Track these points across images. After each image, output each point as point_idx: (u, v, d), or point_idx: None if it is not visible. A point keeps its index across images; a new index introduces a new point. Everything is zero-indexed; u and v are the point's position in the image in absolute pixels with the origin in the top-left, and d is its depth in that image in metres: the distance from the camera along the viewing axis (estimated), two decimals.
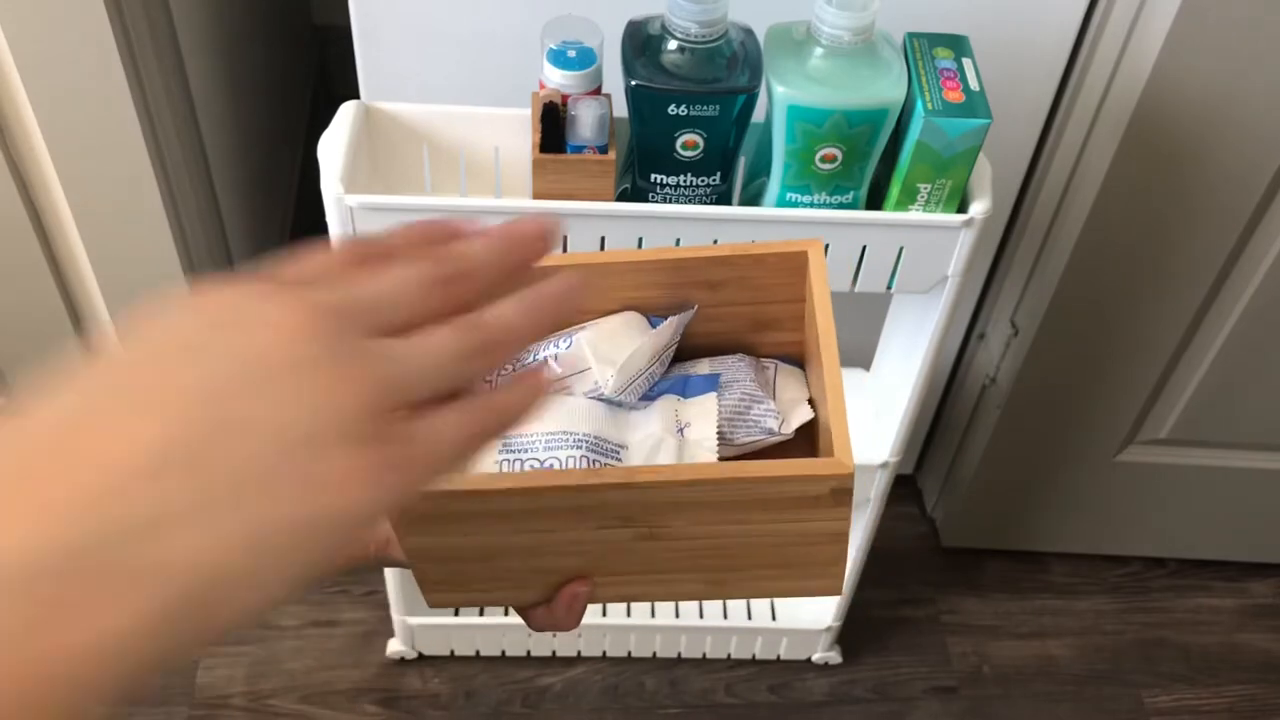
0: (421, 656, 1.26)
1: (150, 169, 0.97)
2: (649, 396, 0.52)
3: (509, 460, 0.48)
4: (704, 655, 1.28)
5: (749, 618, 1.27)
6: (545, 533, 0.46)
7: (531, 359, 0.53)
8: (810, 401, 0.52)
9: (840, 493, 0.44)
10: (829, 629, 1.23)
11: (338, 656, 1.26)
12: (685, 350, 0.54)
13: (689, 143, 0.74)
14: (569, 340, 0.52)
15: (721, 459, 0.49)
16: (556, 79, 0.74)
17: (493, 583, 0.49)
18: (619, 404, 0.51)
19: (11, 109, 0.93)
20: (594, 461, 0.48)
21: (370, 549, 0.50)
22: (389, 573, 1.13)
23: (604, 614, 1.24)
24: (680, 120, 0.73)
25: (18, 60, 0.89)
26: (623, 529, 0.46)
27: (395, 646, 1.25)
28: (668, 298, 0.53)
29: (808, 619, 1.25)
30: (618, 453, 0.49)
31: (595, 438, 0.49)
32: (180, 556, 0.26)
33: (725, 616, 1.27)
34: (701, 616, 1.26)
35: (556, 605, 0.49)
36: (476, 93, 0.88)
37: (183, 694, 1.22)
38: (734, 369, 0.53)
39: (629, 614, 1.25)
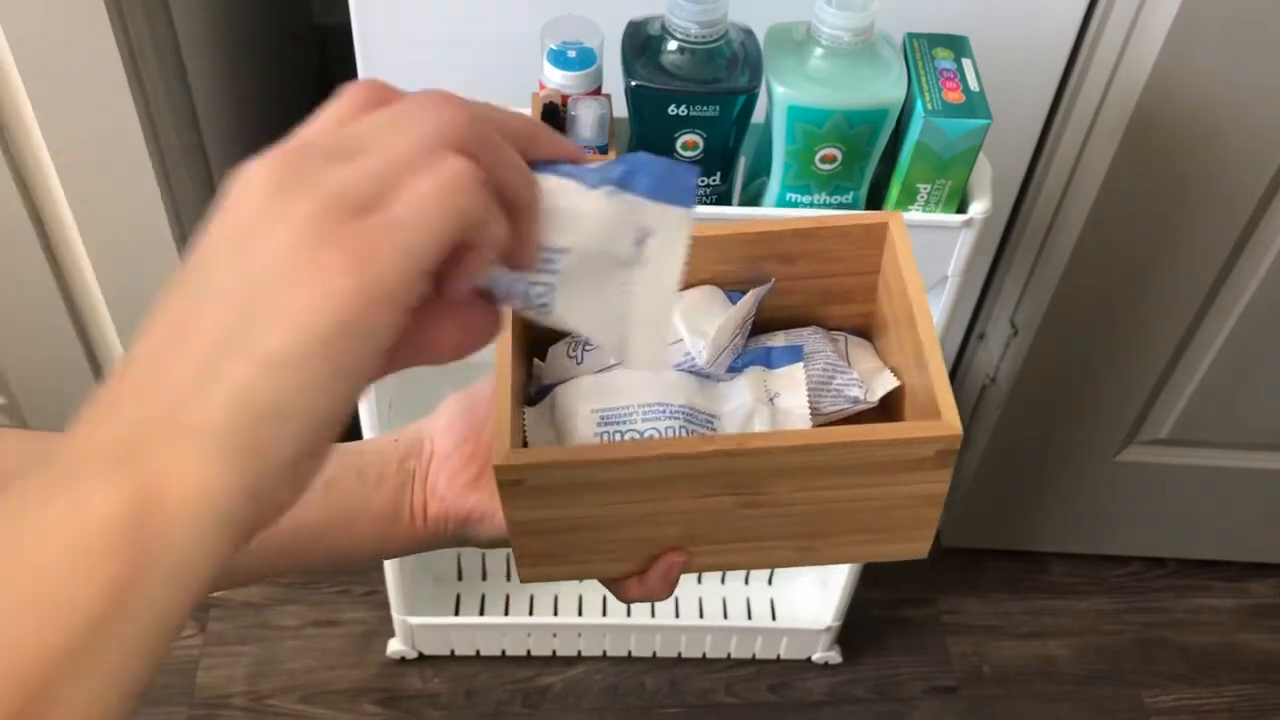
0: (421, 656, 1.26)
1: (150, 169, 0.97)
2: (734, 368, 0.52)
3: (608, 432, 0.49)
4: (704, 655, 1.28)
5: (749, 618, 1.27)
6: (650, 502, 0.46)
7: None
8: (892, 370, 0.53)
9: (945, 454, 0.45)
10: (829, 629, 1.23)
11: (338, 656, 1.26)
12: (758, 324, 0.55)
13: (689, 143, 0.74)
14: None
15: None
16: (556, 79, 0.74)
17: (590, 554, 0.50)
18: (707, 376, 0.51)
19: (12, 109, 0.93)
20: (690, 432, 0.48)
21: (449, 526, 0.50)
22: (389, 572, 1.13)
23: (604, 614, 1.24)
24: (680, 120, 0.73)
25: (18, 61, 0.89)
26: (727, 496, 0.46)
27: (395, 646, 1.25)
28: (745, 271, 0.53)
29: (808, 619, 1.25)
30: (711, 423, 0.50)
31: (689, 408, 0.49)
32: (209, 420, 0.28)
33: (725, 616, 1.27)
34: (701, 616, 1.27)
35: (651, 575, 0.50)
36: (476, 93, 0.87)
37: (183, 694, 1.22)
38: (811, 341, 0.54)
39: (629, 614, 1.25)
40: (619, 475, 0.45)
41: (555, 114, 0.73)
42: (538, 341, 0.55)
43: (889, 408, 0.52)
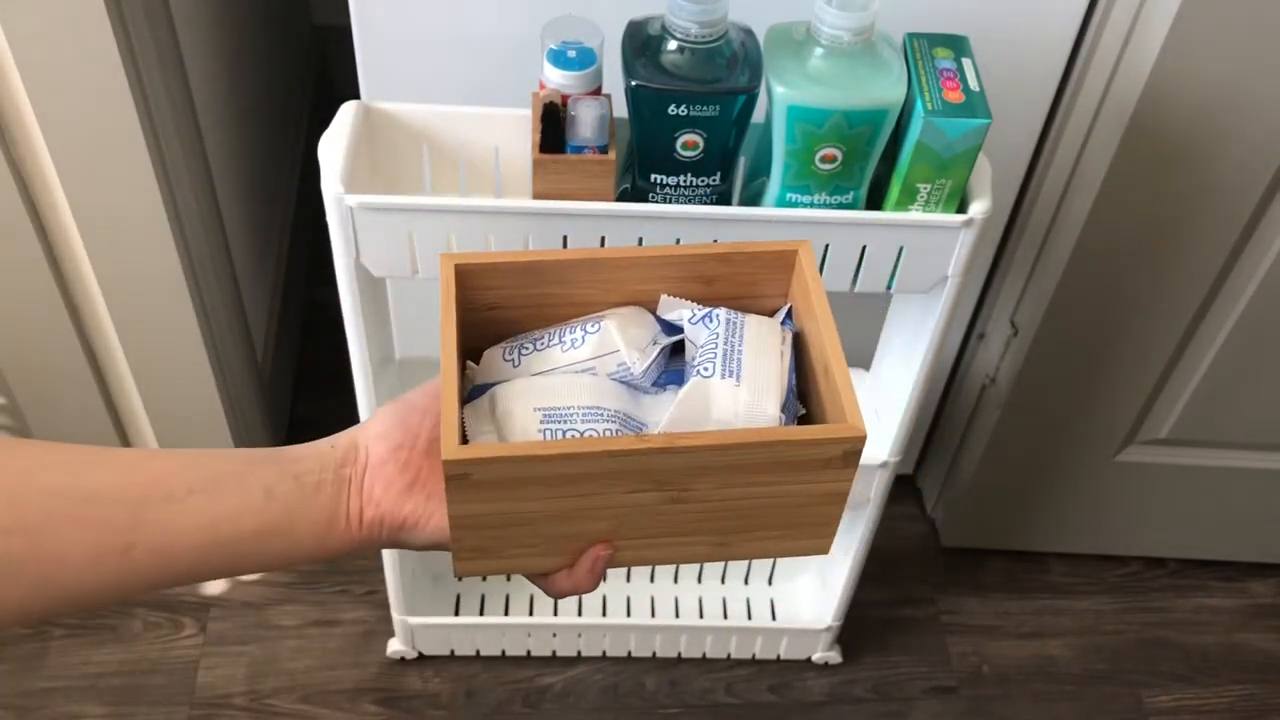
0: (421, 656, 1.26)
1: (150, 169, 0.97)
2: (659, 383, 0.56)
3: (551, 429, 0.52)
4: (704, 655, 1.28)
5: (749, 618, 1.27)
6: (583, 496, 0.50)
7: (557, 340, 0.57)
8: (806, 381, 0.57)
9: (850, 455, 0.50)
10: (829, 629, 1.23)
11: (338, 656, 1.26)
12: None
13: (689, 143, 0.74)
14: (597, 325, 0.57)
15: None
16: (556, 79, 0.74)
17: (524, 548, 0.53)
18: (635, 386, 0.55)
19: (12, 110, 0.93)
20: (624, 435, 0.52)
21: (384, 531, 0.52)
22: (389, 572, 1.13)
23: (604, 614, 1.24)
24: (680, 120, 0.73)
25: (18, 61, 0.89)
26: (654, 492, 0.50)
27: (395, 646, 1.25)
28: (670, 290, 0.58)
29: (808, 619, 1.25)
30: (641, 428, 0.53)
31: (624, 414, 0.53)
32: None
33: (725, 616, 1.27)
34: (701, 616, 1.27)
35: (578, 568, 0.54)
36: (476, 93, 0.88)
37: (183, 694, 1.22)
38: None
39: (629, 614, 1.25)
40: (560, 470, 0.49)
41: (555, 114, 0.73)
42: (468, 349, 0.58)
43: (808, 416, 0.56)
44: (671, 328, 0.57)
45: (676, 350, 0.58)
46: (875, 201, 0.80)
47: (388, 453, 0.53)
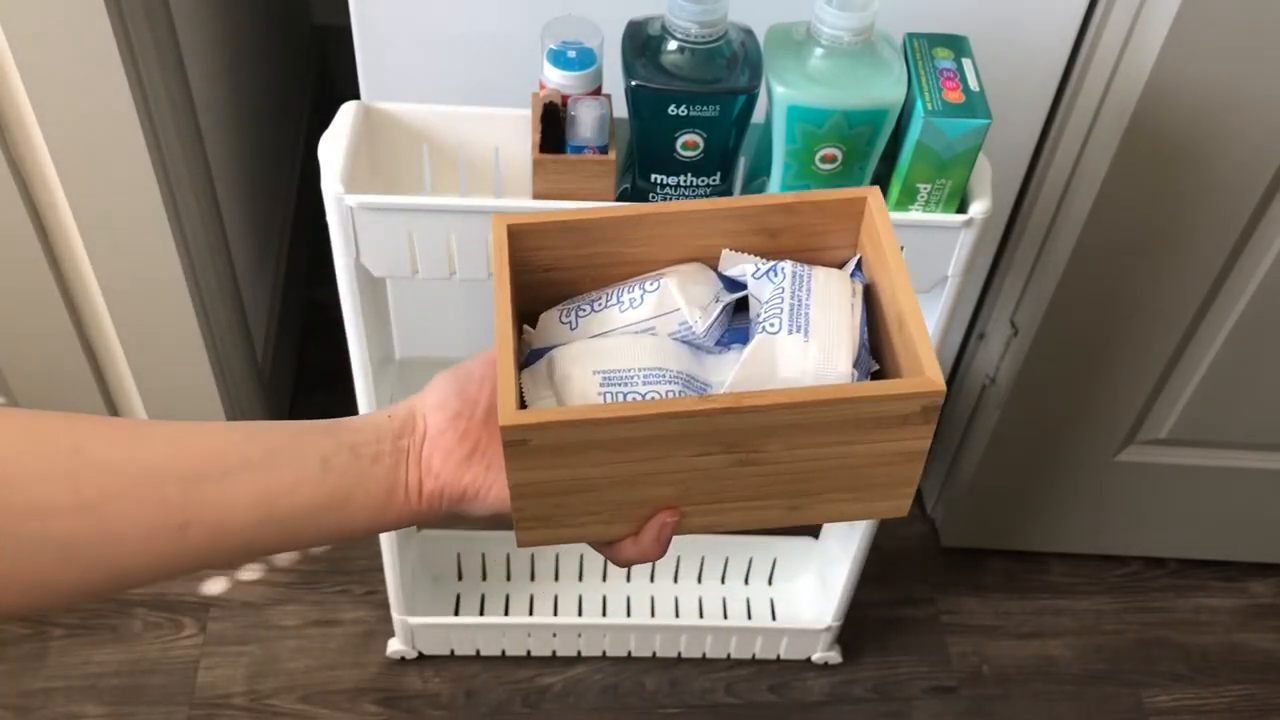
0: (421, 656, 1.26)
1: (150, 169, 0.97)
2: (722, 342, 0.54)
3: (612, 392, 0.50)
4: (704, 655, 1.28)
5: (749, 618, 1.27)
6: (648, 461, 0.48)
7: (615, 300, 0.55)
8: (878, 335, 0.54)
9: (929, 410, 0.47)
10: (829, 629, 1.23)
11: (338, 656, 1.26)
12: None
13: (689, 143, 0.74)
14: (656, 283, 0.54)
15: None
16: (556, 79, 0.74)
17: (587, 516, 0.51)
18: (698, 346, 0.53)
19: (12, 110, 0.93)
20: (688, 395, 0.50)
21: (443, 503, 0.51)
22: (389, 572, 1.13)
23: (604, 614, 1.24)
24: (680, 120, 0.73)
25: (18, 61, 0.89)
26: (722, 455, 0.48)
27: (395, 646, 1.25)
28: (731, 245, 0.55)
29: (808, 619, 1.25)
30: (705, 389, 0.52)
31: (687, 374, 0.51)
32: None
33: (725, 616, 1.27)
34: (701, 616, 1.27)
35: (644, 535, 0.52)
36: (476, 93, 0.88)
37: (183, 694, 1.22)
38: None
39: (629, 614, 1.25)
40: (621, 434, 0.47)
41: (555, 114, 0.73)
42: (525, 313, 0.56)
43: (881, 372, 0.54)
44: (734, 284, 0.55)
45: (741, 307, 0.55)
46: None
47: (446, 422, 0.52)
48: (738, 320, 0.55)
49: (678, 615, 1.26)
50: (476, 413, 0.52)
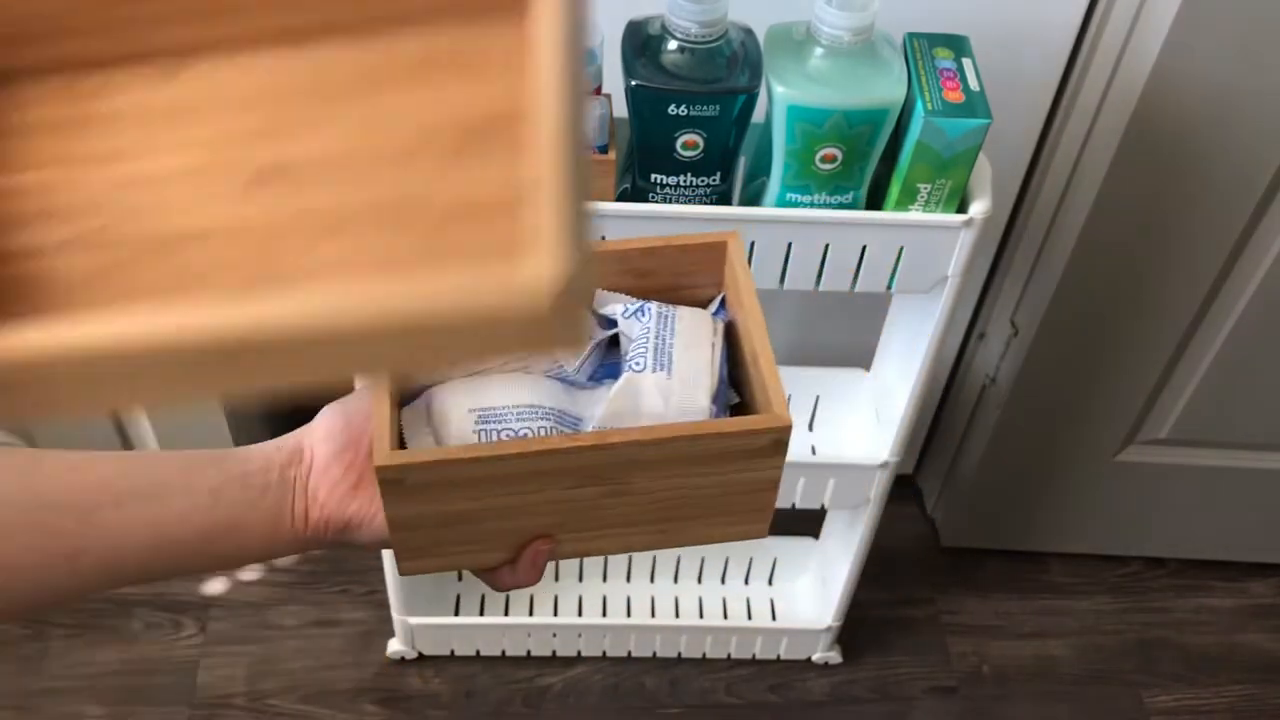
0: (421, 656, 1.26)
1: None
2: (595, 378, 0.57)
3: (486, 430, 0.53)
4: (704, 655, 1.28)
5: (749, 618, 1.27)
6: (521, 495, 0.51)
7: None
8: (738, 370, 0.58)
9: (779, 443, 0.51)
10: (829, 629, 1.23)
11: (338, 656, 1.26)
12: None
13: (689, 143, 0.74)
14: None
15: None
16: None
17: (464, 546, 0.53)
18: (571, 382, 0.57)
19: None
20: (560, 432, 0.53)
21: (329, 532, 0.53)
22: (389, 572, 1.13)
23: (604, 614, 1.24)
24: (680, 120, 0.73)
25: None
26: (592, 487, 0.51)
27: (395, 646, 1.25)
28: (604, 285, 0.59)
29: (808, 619, 1.25)
30: (576, 423, 0.55)
31: (559, 411, 0.54)
32: None
33: (725, 616, 1.27)
34: (701, 616, 1.27)
35: (521, 563, 0.55)
36: None
37: (183, 694, 1.22)
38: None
39: (629, 614, 1.25)
40: (493, 471, 0.50)
41: None
42: None
43: (742, 403, 0.58)
44: (607, 322, 0.58)
45: (615, 343, 0.59)
46: (875, 201, 0.80)
47: (332, 454, 0.53)
48: (611, 355, 0.58)
49: (678, 615, 1.26)
50: (362, 445, 0.54)
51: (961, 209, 0.79)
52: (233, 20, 0.35)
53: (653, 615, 1.25)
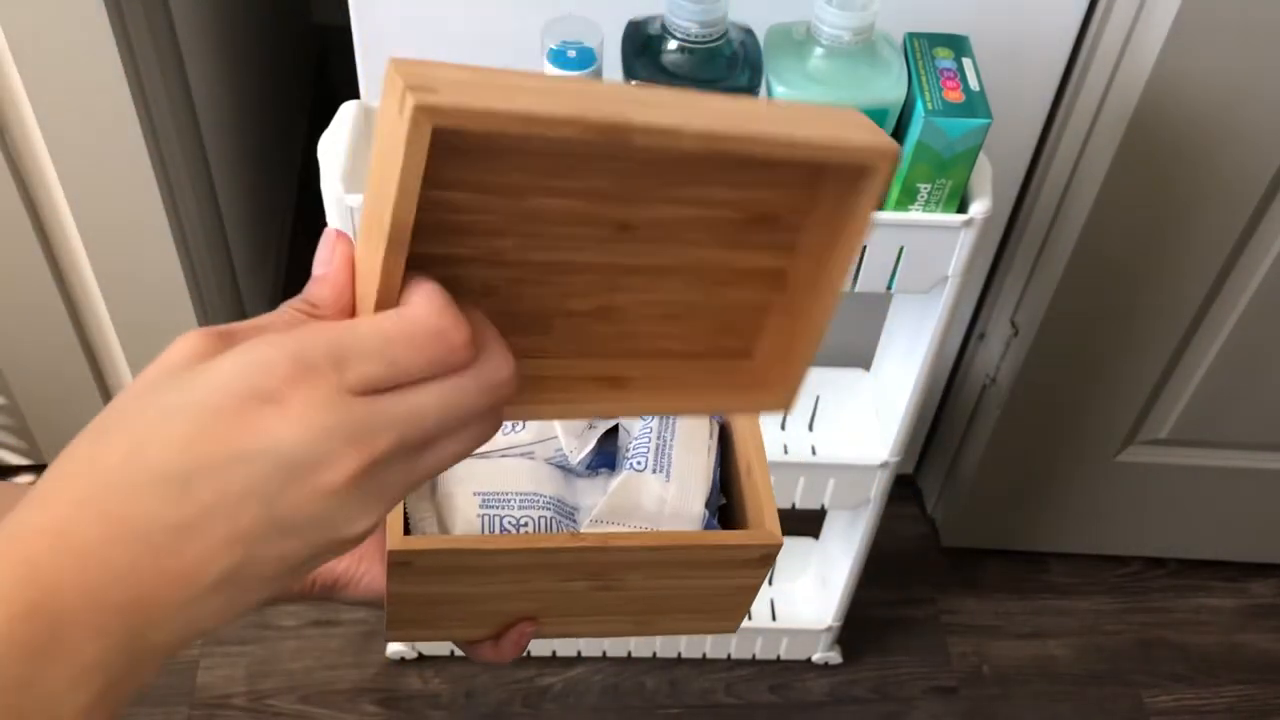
0: (421, 656, 1.26)
1: (150, 169, 0.97)
2: (592, 466, 0.60)
3: (489, 515, 0.55)
4: (704, 655, 1.28)
5: (749, 618, 1.27)
6: (519, 584, 0.53)
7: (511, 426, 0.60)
8: (730, 478, 0.60)
9: (766, 557, 0.53)
10: (829, 629, 1.23)
11: (338, 656, 1.26)
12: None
13: None
14: None
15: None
16: None
17: (454, 622, 0.56)
18: (570, 470, 0.59)
19: (12, 110, 0.93)
20: (558, 521, 0.56)
21: (315, 589, 0.54)
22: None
23: None
24: None
25: (18, 61, 0.89)
26: (584, 581, 0.54)
27: (395, 646, 1.25)
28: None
29: (808, 619, 1.25)
30: (573, 512, 0.57)
31: (558, 500, 0.57)
32: (210, 626, 0.35)
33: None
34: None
35: (504, 641, 0.56)
36: None
37: (183, 694, 1.22)
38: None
39: None
40: (499, 562, 0.52)
41: None
42: None
43: (728, 507, 0.59)
44: None
45: (613, 432, 0.61)
46: None
47: None
48: (606, 444, 0.60)
49: None
50: None
51: (961, 209, 0.79)
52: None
53: None
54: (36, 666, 0.32)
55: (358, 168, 0.77)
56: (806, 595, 1.28)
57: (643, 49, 0.73)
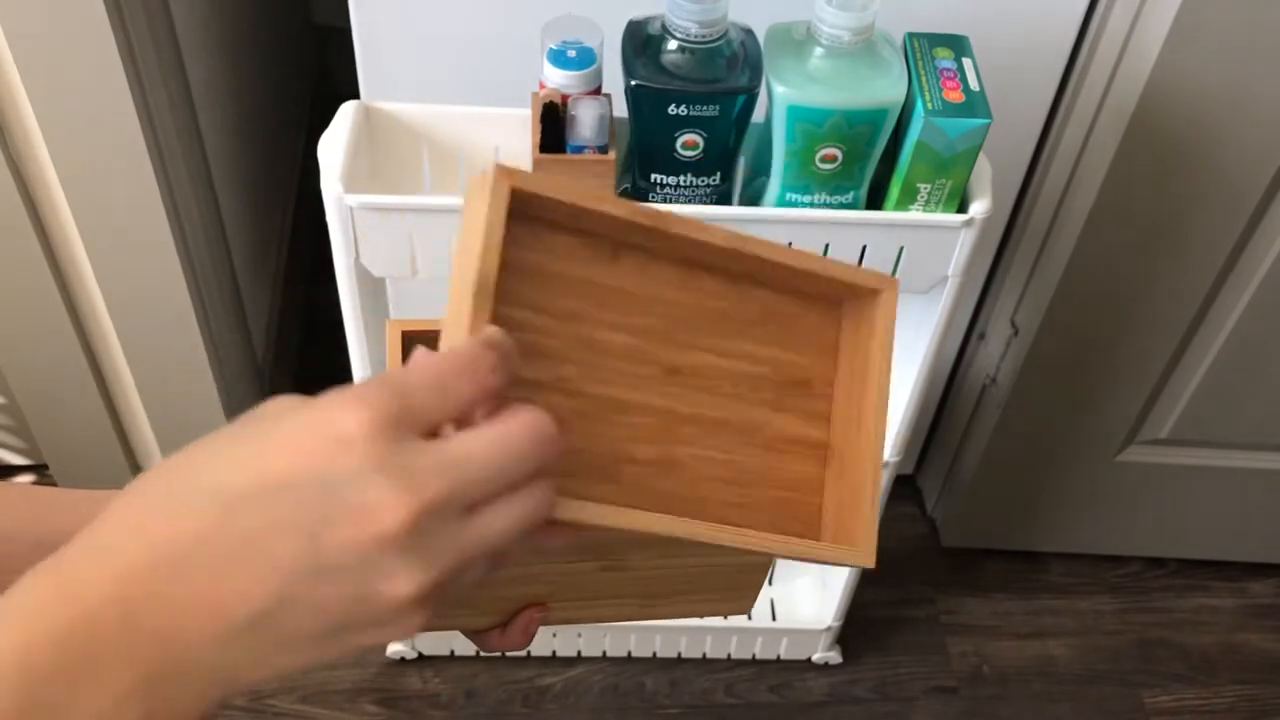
0: (421, 656, 1.26)
1: (150, 168, 0.97)
2: None
3: None
4: (704, 655, 1.28)
5: (749, 618, 1.27)
6: (524, 565, 0.50)
7: None
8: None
9: None
10: (829, 629, 1.23)
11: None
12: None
13: (689, 143, 0.74)
14: None
15: None
16: (556, 79, 0.74)
17: (459, 610, 0.53)
18: None
19: (12, 110, 0.93)
20: None
21: None
22: None
23: None
24: (680, 120, 0.73)
25: (18, 60, 0.89)
26: (590, 562, 0.52)
27: (395, 646, 1.25)
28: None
29: (808, 619, 1.25)
30: None
31: None
32: (245, 681, 0.35)
33: (725, 617, 1.27)
34: (702, 616, 1.26)
35: (513, 628, 0.54)
36: (476, 93, 0.88)
37: None
38: None
39: None
40: None
41: (555, 114, 0.73)
42: None
43: None
44: None
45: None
46: (875, 201, 0.80)
47: None
48: None
49: None
50: None
51: (961, 209, 0.79)
52: (668, 248, 0.47)
53: None
54: (70, 693, 0.32)
55: (357, 168, 0.77)
56: (806, 595, 1.28)
57: (643, 49, 0.73)
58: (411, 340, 0.54)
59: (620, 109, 0.75)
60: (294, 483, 0.33)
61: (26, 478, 1.35)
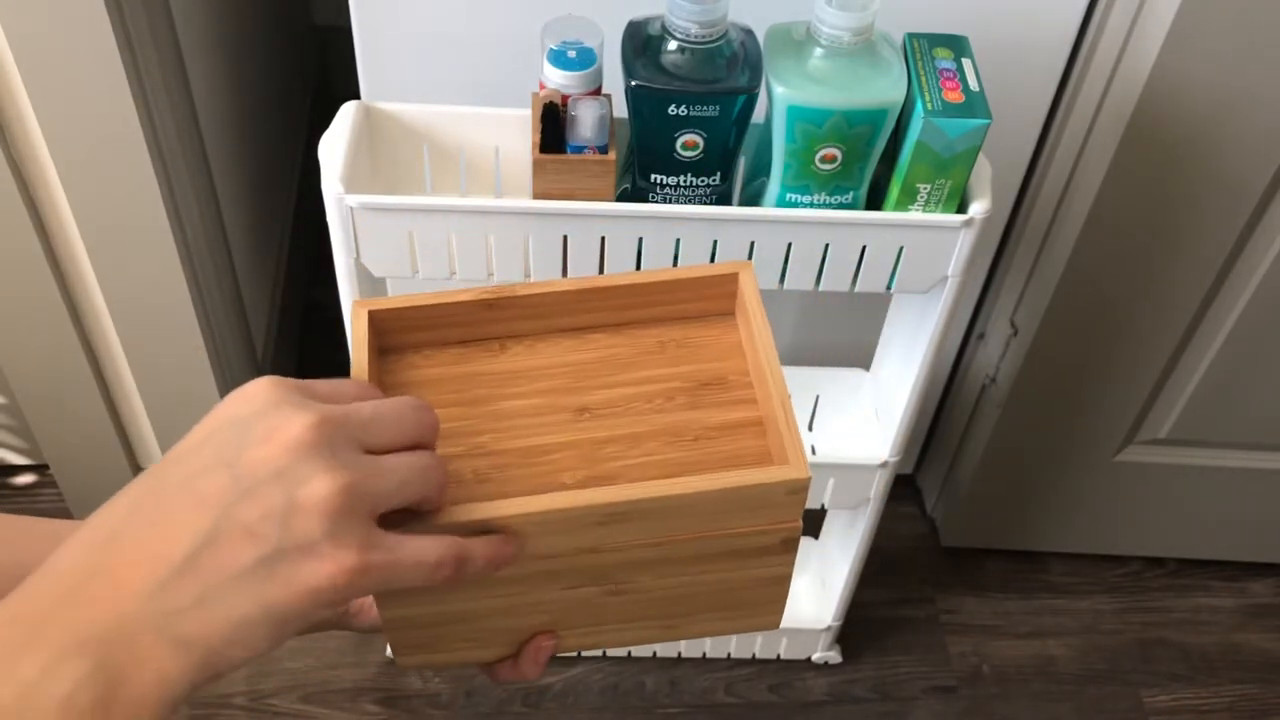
0: None
1: (150, 168, 0.97)
2: None
3: None
4: (704, 655, 1.28)
5: None
6: (517, 595, 0.50)
7: None
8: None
9: (789, 541, 0.50)
10: (829, 628, 1.23)
11: (338, 656, 1.26)
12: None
13: (689, 143, 0.75)
14: None
15: None
16: (556, 79, 0.74)
17: (464, 643, 0.53)
18: None
19: (12, 110, 0.93)
20: None
21: (332, 619, 0.56)
22: None
23: None
24: (680, 120, 0.73)
25: (18, 61, 0.89)
26: (591, 587, 0.50)
27: None
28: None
29: (808, 619, 1.25)
30: None
31: None
32: (195, 632, 0.36)
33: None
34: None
35: (523, 659, 0.53)
36: (476, 93, 0.88)
37: None
38: None
39: None
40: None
41: (555, 114, 0.73)
42: None
43: None
44: None
45: None
46: (875, 201, 0.80)
47: None
48: None
49: None
50: None
51: (961, 209, 0.79)
52: (543, 321, 0.55)
53: None
54: (11, 658, 0.34)
55: (358, 168, 0.77)
56: (806, 595, 1.28)
57: (643, 49, 0.73)
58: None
59: (620, 109, 0.75)
60: (212, 433, 0.39)
61: (27, 478, 1.35)
